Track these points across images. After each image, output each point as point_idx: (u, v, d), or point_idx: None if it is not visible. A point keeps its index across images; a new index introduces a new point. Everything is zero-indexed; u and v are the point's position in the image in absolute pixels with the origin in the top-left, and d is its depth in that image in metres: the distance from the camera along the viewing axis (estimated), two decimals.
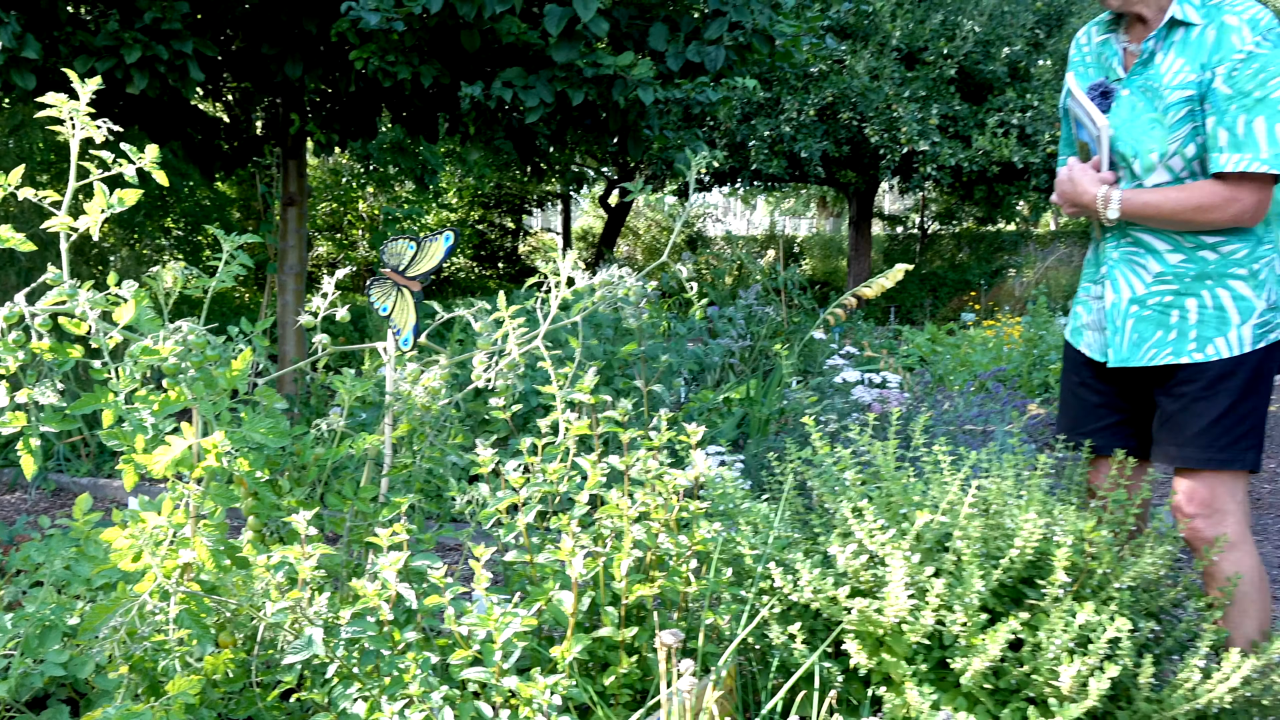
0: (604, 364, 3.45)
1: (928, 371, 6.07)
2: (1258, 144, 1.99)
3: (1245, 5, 2.03)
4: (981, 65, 11.05)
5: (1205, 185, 2.06)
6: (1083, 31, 2.34)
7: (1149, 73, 2.13)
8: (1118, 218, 2.14)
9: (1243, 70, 1.99)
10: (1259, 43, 1.99)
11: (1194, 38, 2.07)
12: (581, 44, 3.93)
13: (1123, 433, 2.31)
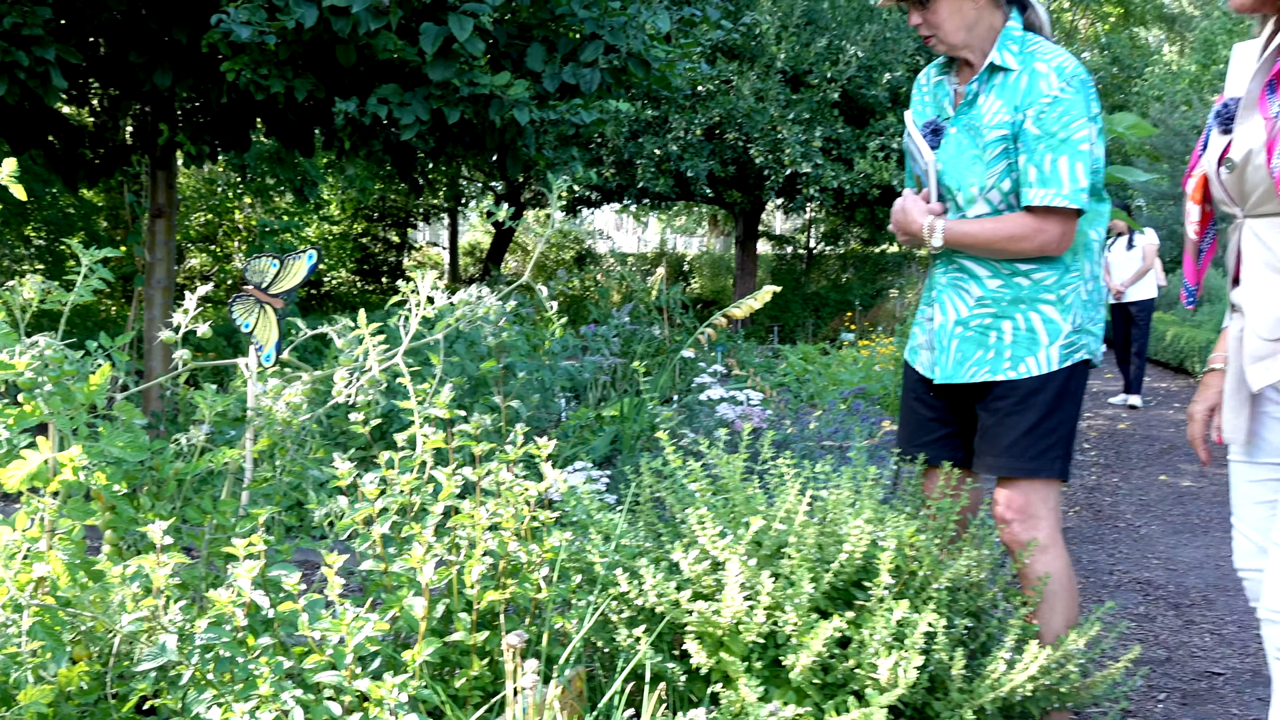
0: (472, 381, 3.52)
1: (789, 390, 6.29)
2: (1061, 181, 2.19)
3: (1054, 54, 2.23)
4: (864, 90, 11.46)
5: (1017, 217, 2.25)
6: (923, 72, 2.53)
7: (972, 113, 2.32)
8: (941, 245, 2.32)
9: (1049, 113, 2.19)
10: (1064, 88, 2.19)
11: (1010, 82, 2.26)
12: (458, 63, 4.00)
13: (952, 445, 2.49)
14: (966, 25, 2.28)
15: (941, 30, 2.29)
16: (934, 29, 2.30)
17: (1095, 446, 7.02)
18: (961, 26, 2.28)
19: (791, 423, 4.16)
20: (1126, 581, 4.03)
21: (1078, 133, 2.18)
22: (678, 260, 24.59)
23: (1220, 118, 1.97)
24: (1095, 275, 2.35)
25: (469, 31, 3.67)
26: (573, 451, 4.36)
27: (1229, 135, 1.95)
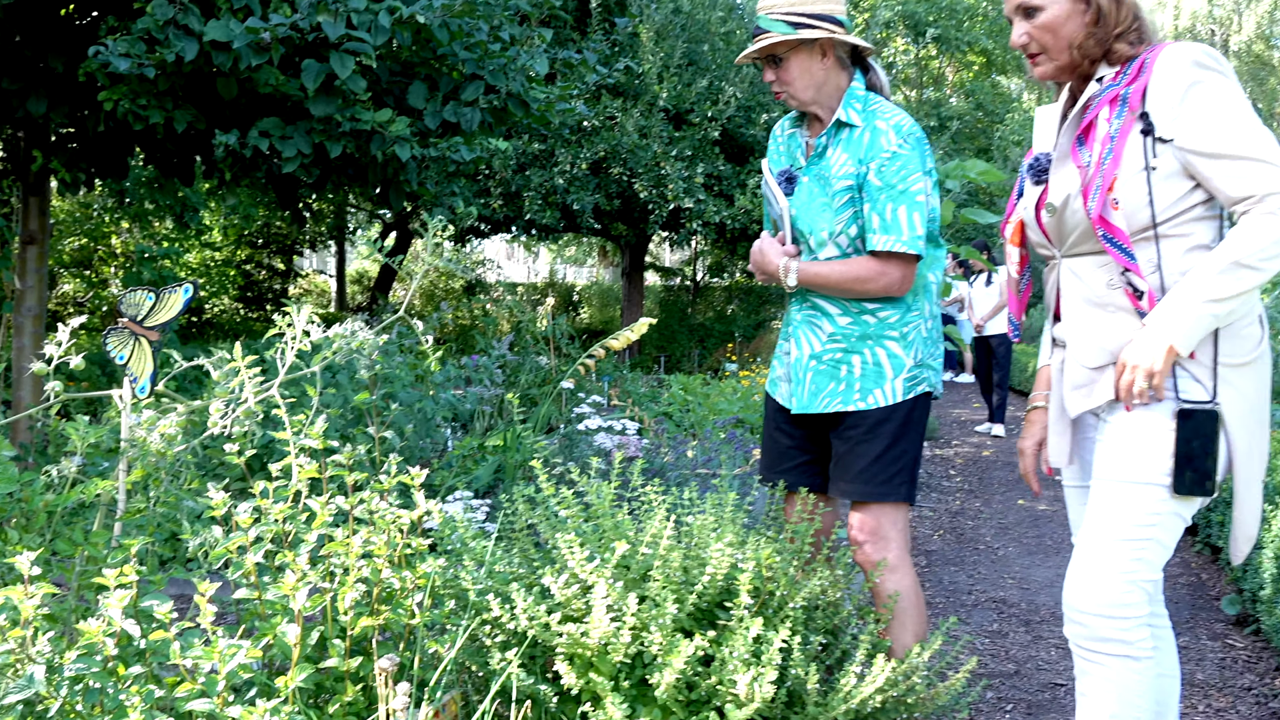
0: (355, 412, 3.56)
1: (671, 419, 6.44)
2: (901, 228, 2.38)
3: (893, 114, 2.44)
4: (743, 129, 11.80)
5: (863, 260, 2.43)
6: (778, 125, 2.71)
7: (822, 164, 2.50)
8: (796, 285, 2.49)
9: (889, 167, 2.38)
10: (901, 145, 2.39)
11: (855, 137, 2.45)
12: (340, 99, 4.05)
13: (810, 471, 2.65)
14: (815, 84, 2.47)
15: (792, 87, 2.47)
16: (786, 85, 2.48)
17: (960, 473, 7.36)
18: (811, 85, 2.47)
19: (668, 451, 4.29)
20: (983, 600, 4.26)
21: (915, 185, 2.38)
22: (567, 290, 24.73)
23: (1032, 170, 2.19)
24: (934, 314, 2.55)
25: (350, 69, 3.73)
26: (455, 481, 4.41)
27: (1041, 185, 2.16)
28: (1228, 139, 1.89)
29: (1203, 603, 4.17)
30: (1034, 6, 2.07)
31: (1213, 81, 1.92)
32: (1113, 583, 1.96)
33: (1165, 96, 1.93)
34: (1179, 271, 1.96)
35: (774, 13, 2.45)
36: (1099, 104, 2.02)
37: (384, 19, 3.82)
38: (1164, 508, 1.96)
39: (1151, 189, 1.95)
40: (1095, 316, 2.06)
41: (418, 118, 4.37)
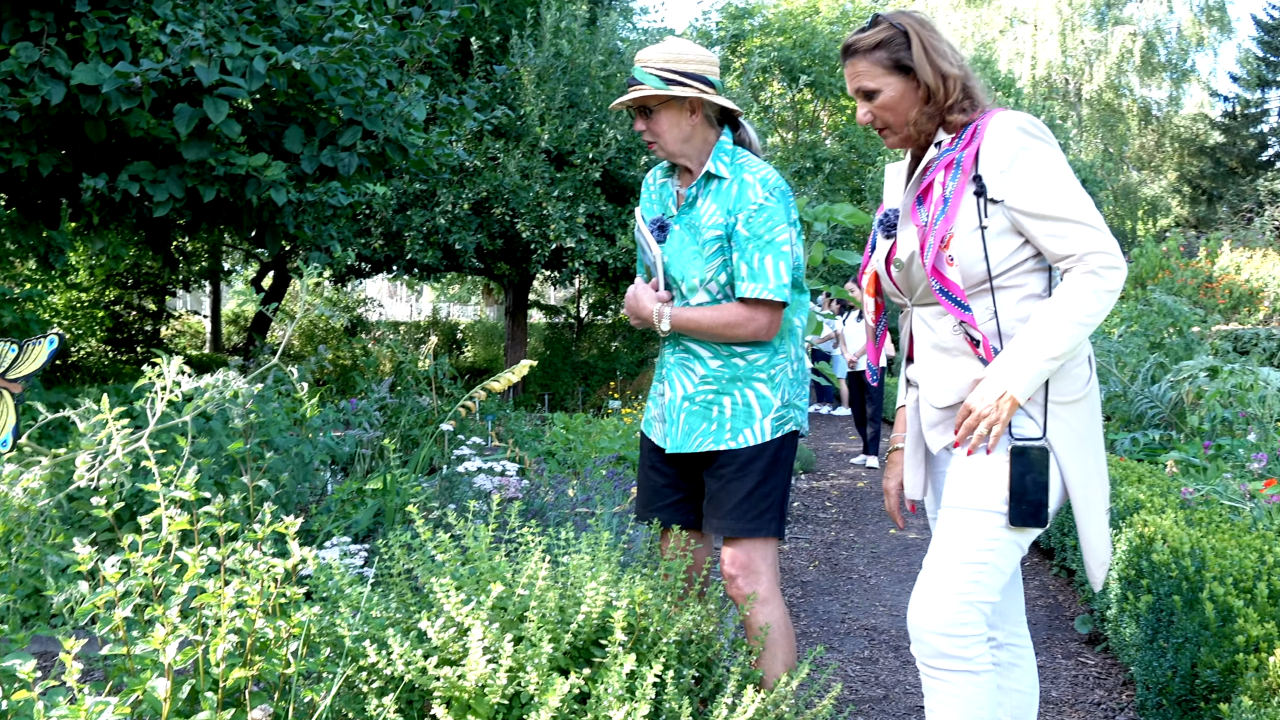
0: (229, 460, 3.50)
1: (554, 457, 6.49)
2: (767, 276, 2.51)
3: (760, 167, 2.57)
4: (624, 170, 12.01)
5: (732, 307, 2.55)
6: (650, 174, 2.82)
7: (693, 213, 2.62)
8: (669, 330, 2.59)
9: (756, 218, 2.51)
10: (768, 198, 2.52)
11: (724, 189, 2.58)
12: (214, 143, 4.02)
13: (684, 509, 2.74)
14: (684, 137, 2.60)
15: (662, 139, 2.60)
16: (655, 136, 2.60)
17: (835, 504, 7.58)
18: (680, 138, 2.59)
19: (548, 490, 4.34)
20: (856, 629, 4.41)
21: (780, 235, 2.52)
22: (450, 328, 24.54)
23: (883, 225, 2.35)
24: (799, 357, 2.68)
25: (224, 114, 3.71)
26: (334, 526, 4.36)
27: (891, 239, 2.32)
28: (1052, 201, 2.07)
29: (1059, 623, 4.41)
30: (871, 90, 2.24)
31: (1037, 148, 2.11)
32: (951, 604, 2.09)
33: (995, 160, 2.11)
34: (1015, 319, 2.13)
35: (648, 66, 2.57)
36: (936, 167, 2.18)
37: (259, 65, 3.82)
38: (1001, 535, 2.11)
39: (985, 245, 2.12)
40: (942, 361, 2.22)
41: (294, 162, 4.36)
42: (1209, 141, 34.91)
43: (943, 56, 2.21)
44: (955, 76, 2.20)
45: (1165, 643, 2.73)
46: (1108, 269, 2.03)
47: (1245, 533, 3.22)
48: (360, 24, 3.78)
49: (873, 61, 2.23)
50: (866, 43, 2.24)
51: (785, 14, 24.09)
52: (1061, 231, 2.06)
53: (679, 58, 2.58)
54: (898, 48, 2.22)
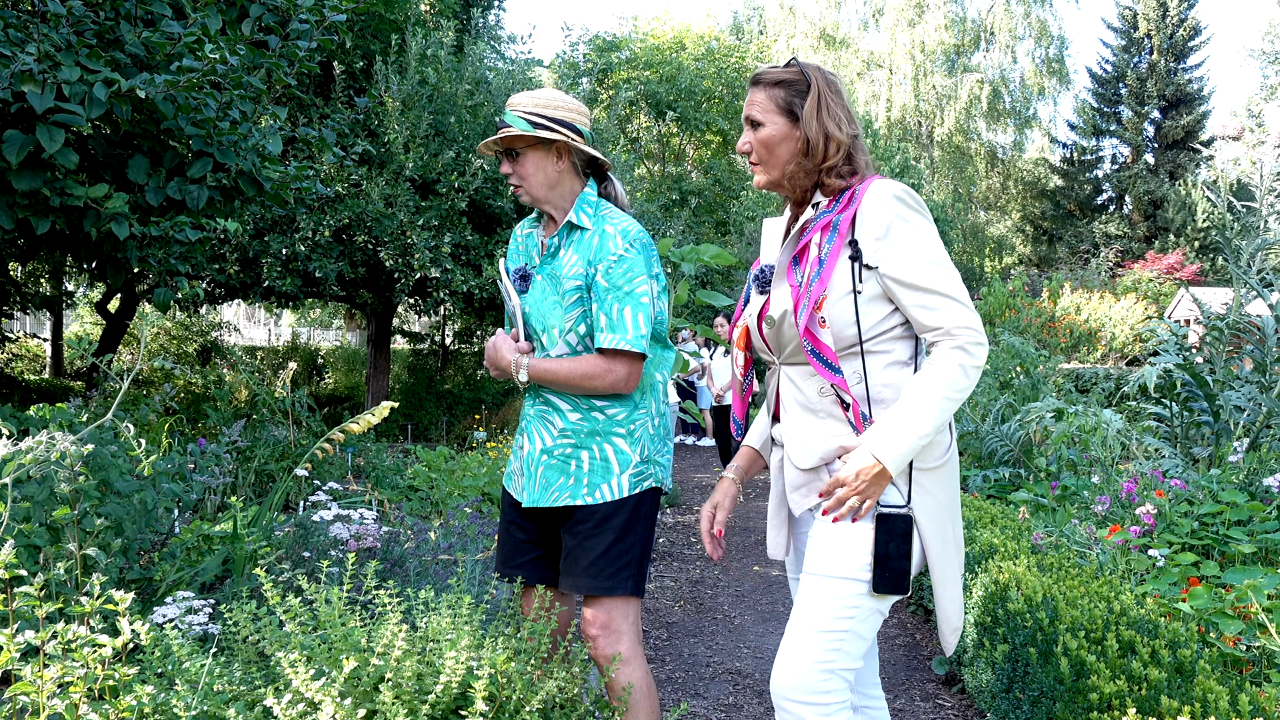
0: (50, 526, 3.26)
1: (419, 493, 6.33)
2: (626, 327, 2.48)
3: (621, 220, 2.55)
4: (491, 200, 11.89)
5: (591, 358, 2.52)
6: (520, 224, 2.78)
7: (555, 263, 2.58)
8: (527, 381, 2.53)
9: (616, 269, 2.48)
10: (628, 249, 2.50)
11: (585, 239, 2.55)
12: (48, 172, 3.77)
13: (544, 566, 2.68)
14: (549, 183, 2.56)
15: (527, 183, 2.56)
16: (521, 180, 2.57)
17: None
18: (543, 183, 2.56)
19: (409, 538, 4.21)
20: (720, 673, 4.40)
21: (639, 287, 2.49)
22: (311, 354, 23.82)
23: (758, 280, 2.34)
24: (661, 412, 2.66)
25: (59, 143, 3.49)
26: (179, 575, 4.12)
27: (765, 295, 2.32)
28: (924, 274, 2.10)
29: (916, 663, 4.50)
30: (757, 120, 2.26)
31: (913, 219, 2.14)
32: (812, 672, 2.09)
33: (870, 227, 2.13)
34: (882, 384, 2.16)
35: (517, 110, 2.54)
36: (814, 228, 2.20)
37: (100, 91, 3.61)
38: (861, 602, 2.12)
39: (858, 310, 2.14)
40: (808, 421, 2.22)
41: (139, 193, 4.14)
42: (1049, 185, 36.90)
43: (834, 118, 2.23)
44: (840, 141, 2.22)
45: (1021, 694, 2.80)
46: (975, 345, 2.08)
47: (1092, 579, 3.35)
48: (211, 53, 3.61)
49: (769, 96, 2.25)
50: (770, 78, 2.26)
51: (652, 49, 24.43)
52: (931, 304, 2.10)
53: (549, 103, 2.56)
54: (796, 93, 2.23)
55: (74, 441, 2.06)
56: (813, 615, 2.12)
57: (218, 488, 4.43)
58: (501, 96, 12.45)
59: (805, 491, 2.25)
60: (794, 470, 2.26)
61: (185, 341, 22.22)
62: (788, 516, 2.38)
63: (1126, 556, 3.74)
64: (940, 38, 34.42)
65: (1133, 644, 2.70)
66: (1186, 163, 33.93)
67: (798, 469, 2.24)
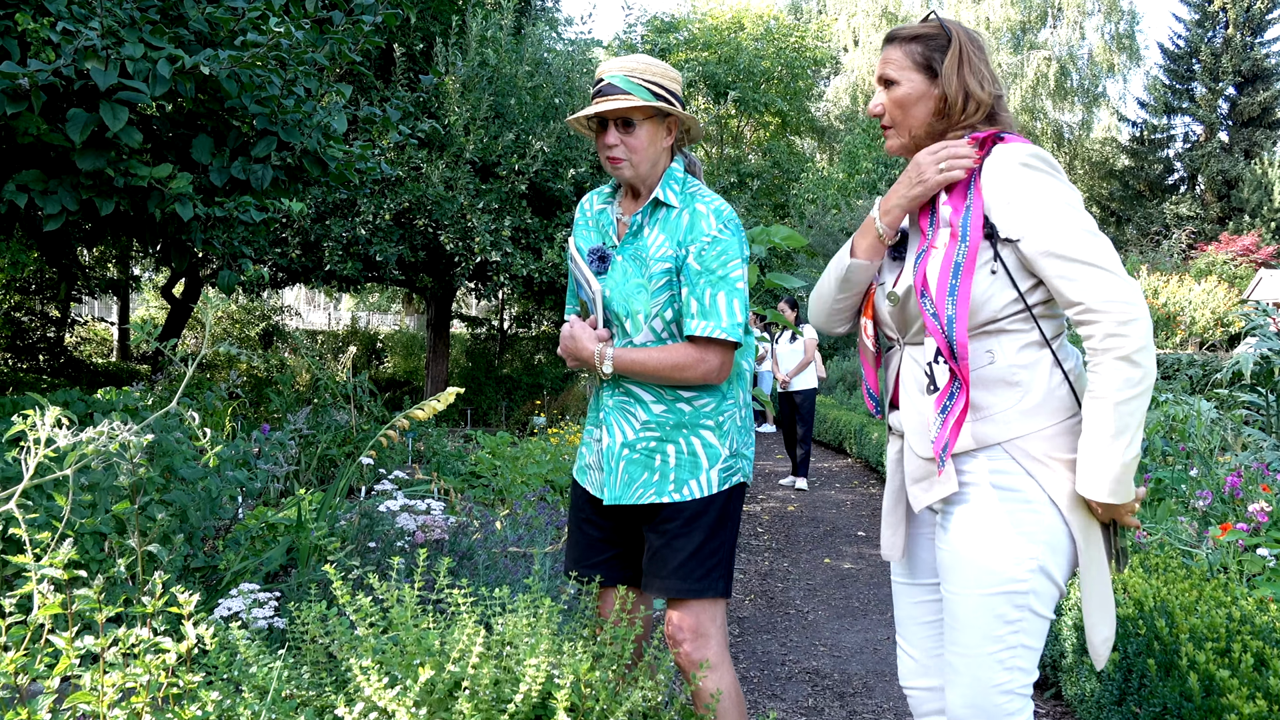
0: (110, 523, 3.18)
1: (480, 481, 6.22)
2: (721, 314, 2.30)
3: (711, 197, 2.37)
4: (551, 183, 11.76)
5: (681, 347, 2.34)
6: (586, 199, 2.60)
7: (638, 243, 2.40)
8: (612, 373, 2.37)
9: (709, 251, 2.31)
10: (722, 229, 2.32)
11: (673, 218, 2.37)
12: (112, 152, 3.69)
13: (620, 565, 2.52)
14: (654, 159, 2.40)
15: (636, 156, 2.37)
16: (631, 153, 2.37)
17: (768, 530, 7.43)
18: (651, 158, 2.39)
19: (478, 527, 4.08)
20: (797, 673, 4.23)
21: (734, 272, 2.32)
22: (370, 338, 23.98)
23: (892, 250, 2.14)
24: (748, 402, 2.48)
25: (123, 121, 3.39)
26: (243, 565, 4.05)
27: (899, 263, 2.13)
28: (1062, 240, 1.89)
29: None
30: (892, 80, 2.08)
31: (1044, 182, 1.93)
32: (990, 697, 1.95)
33: (999, 193, 1.93)
34: (1017, 365, 1.96)
35: (635, 76, 2.35)
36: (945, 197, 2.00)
37: (164, 68, 3.51)
38: (1025, 613, 1.94)
39: (991, 283, 1.94)
40: (929, 405, 2.02)
41: (203, 173, 4.04)
42: (1118, 165, 35.94)
43: (975, 75, 2.04)
44: (981, 100, 2.03)
45: (1139, 708, 2.59)
46: (1125, 324, 1.83)
47: (1204, 580, 3.12)
48: (276, 27, 3.49)
49: (905, 52, 2.07)
50: (906, 33, 2.09)
51: (710, 29, 24.14)
52: (1072, 273, 1.88)
53: (665, 74, 2.39)
54: (935, 48, 2.05)
55: (136, 431, 1.94)
56: (977, 636, 1.95)
57: (281, 476, 4.34)
58: (561, 78, 12.30)
59: (926, 485, 2.05)
60: (914, 459, 2.07)
61: (248, 325, 22.48)
62: (904, 514, 2.20)
63: (1237, 557, 3.50)
64: (1006, 14, 33.59)
65: (1262, 656, 2.48)
66: (1263, 140, 32.84)
67: (918, 457, 2.05)
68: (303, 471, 7.46)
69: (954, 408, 1.95)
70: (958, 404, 1.94)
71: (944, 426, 1.95)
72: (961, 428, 1.96)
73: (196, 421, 2.14)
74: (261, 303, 22.46)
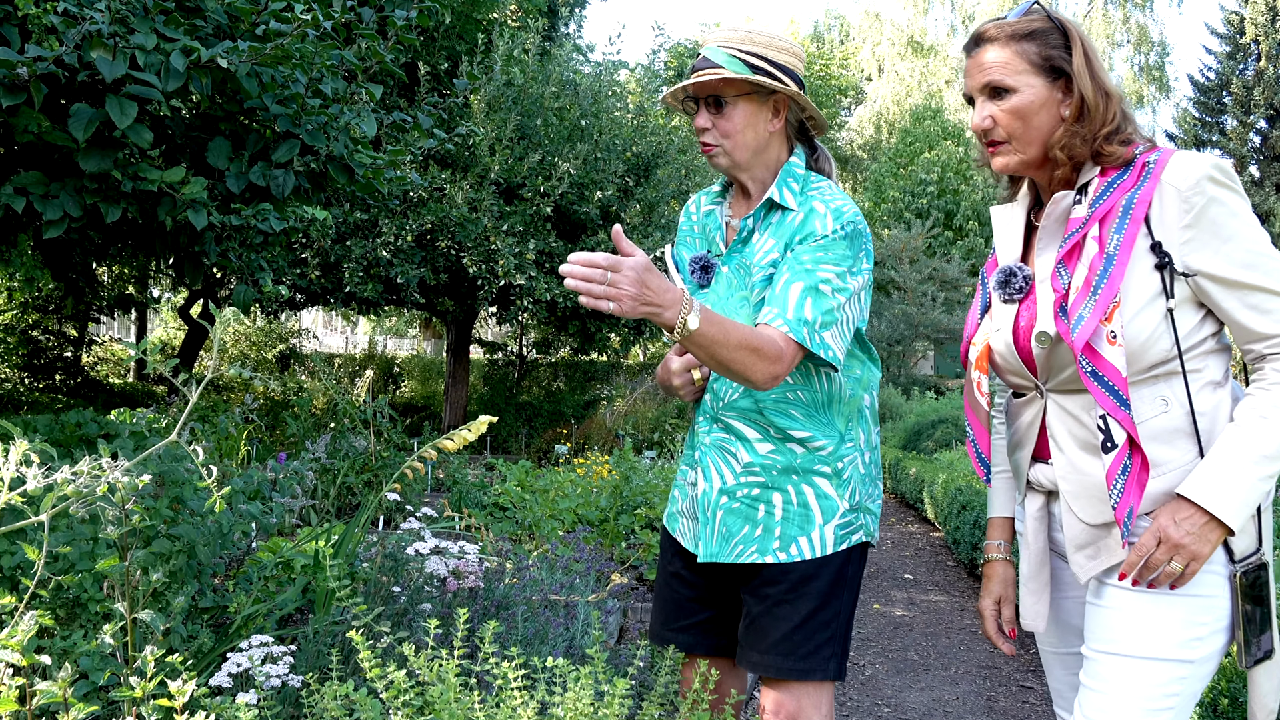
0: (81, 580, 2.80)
1: (506, 514, 5.84)
2: (787, 305, 1.89)
3: (833, 196, 1.99)
4: (576, 206, 11.43)
5: (769, 333, 1.89)
6: (693, 199, 2.24)
7: (746, 251, 2.04)
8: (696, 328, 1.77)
9: (810, 247, 1.92)
10: (837, 231, 1.94)
11: (788, 222, 1.99)
12: (120, 152, 3.36)
13: (714, 631, 2.13)
14: (756, 146, 2.01)
15: (731, 140, 2.00)
16: (724, 138, 2.00)
17: None
18: (750, 145, 2.01)
19: (512, 569, 3.70)
20: None
21: (825, 272, 1.91)
22: (387, 362, 23.71)
23: (1004, 286, 1.79)
24: (874, 445, 2.09)
25: (131, 118, 3.06)
26: (255, 609, 3.68)
27: (1012, 303, 1.79)
28: (1250, 268, 1.61)
29: None
30: (1006, 87, 1.72)
31: (1230, 200, 1.64)
32: None
33: (1175, 213, 1.62)
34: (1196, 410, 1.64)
35: (729, 46, 1.97)
36: (1091, 218, 1.66)
37: (177, 61, 3.18)
38: (1182, 687, 1.64)
39: (1167, 319, 1.62)
40: (1094, 465, 1.67)
41: (219, 179, 3.71)
42: None
43: (1104, 71, 1.71)
44: (1117, 98, 1.69)
45: None
46: None
47: None
48: (302, 14, 3.15)
49: (1017, 53, 1.70)
50: (1012, 29, 1.71)
51: None
52: (1266, 305, 1.60)
53: (770, 42, 1.98)
54: (1053, 45, 1.70)
55: (129, 469, 1.57)
56: (1124, 707, 1.63)
57: (298, 511, 3.98)
58: (588, 99, 12.01)
59: (1092, 552, 1.70)
60: (1077, 525, 1.71)
61: (265, 348, 22.25)
62: (1049, 580, 1.83)
63: None
64: None
65: None
66: None
67: (1085, 524, 1.69)
68: (320, 499, 7.09)
69: (1135, 468, 1.61)
70: (1137, 462, 1.61)
71: (1128, 491, 1.60)
72: (1145, 489, 1.62)
73: (200, 457, 1.77)
74: (279, 325, 22.25)
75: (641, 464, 7.15)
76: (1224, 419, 1.66)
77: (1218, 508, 1.55)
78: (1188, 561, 1.57)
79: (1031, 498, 1.83)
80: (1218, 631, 1.65)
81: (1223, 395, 1.66)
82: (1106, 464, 1.61)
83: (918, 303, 19.74)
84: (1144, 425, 1.63)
